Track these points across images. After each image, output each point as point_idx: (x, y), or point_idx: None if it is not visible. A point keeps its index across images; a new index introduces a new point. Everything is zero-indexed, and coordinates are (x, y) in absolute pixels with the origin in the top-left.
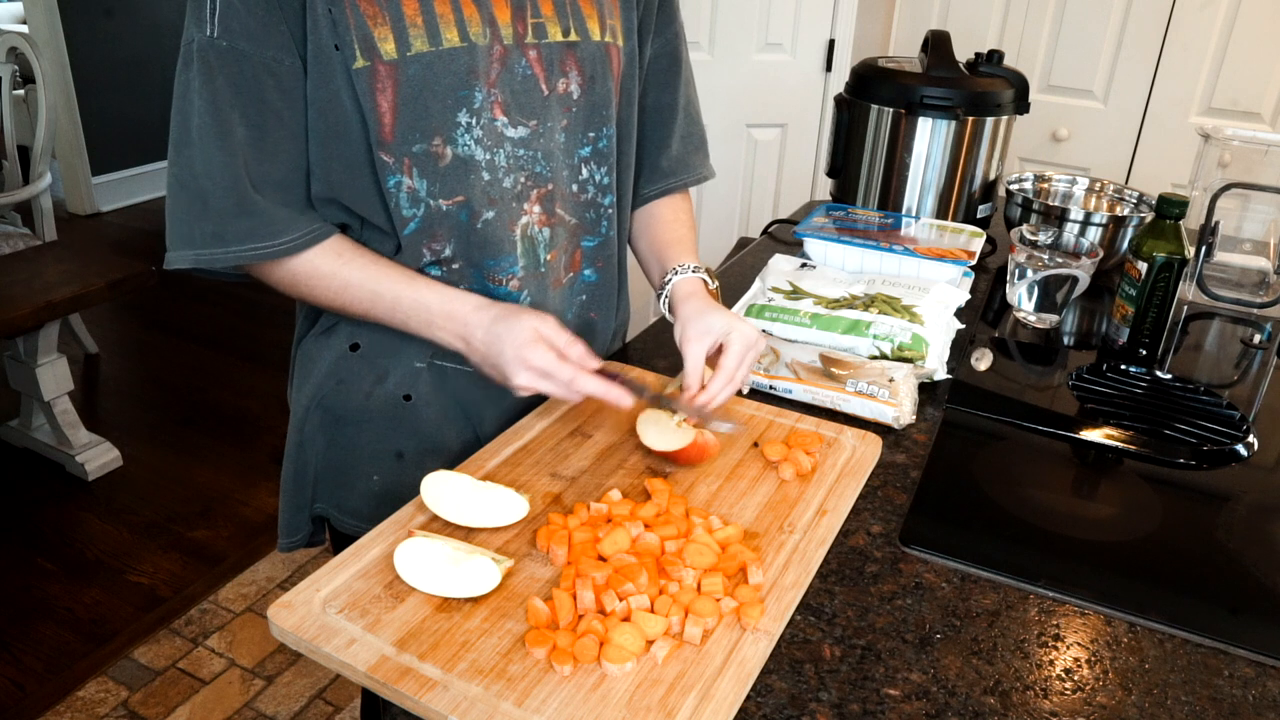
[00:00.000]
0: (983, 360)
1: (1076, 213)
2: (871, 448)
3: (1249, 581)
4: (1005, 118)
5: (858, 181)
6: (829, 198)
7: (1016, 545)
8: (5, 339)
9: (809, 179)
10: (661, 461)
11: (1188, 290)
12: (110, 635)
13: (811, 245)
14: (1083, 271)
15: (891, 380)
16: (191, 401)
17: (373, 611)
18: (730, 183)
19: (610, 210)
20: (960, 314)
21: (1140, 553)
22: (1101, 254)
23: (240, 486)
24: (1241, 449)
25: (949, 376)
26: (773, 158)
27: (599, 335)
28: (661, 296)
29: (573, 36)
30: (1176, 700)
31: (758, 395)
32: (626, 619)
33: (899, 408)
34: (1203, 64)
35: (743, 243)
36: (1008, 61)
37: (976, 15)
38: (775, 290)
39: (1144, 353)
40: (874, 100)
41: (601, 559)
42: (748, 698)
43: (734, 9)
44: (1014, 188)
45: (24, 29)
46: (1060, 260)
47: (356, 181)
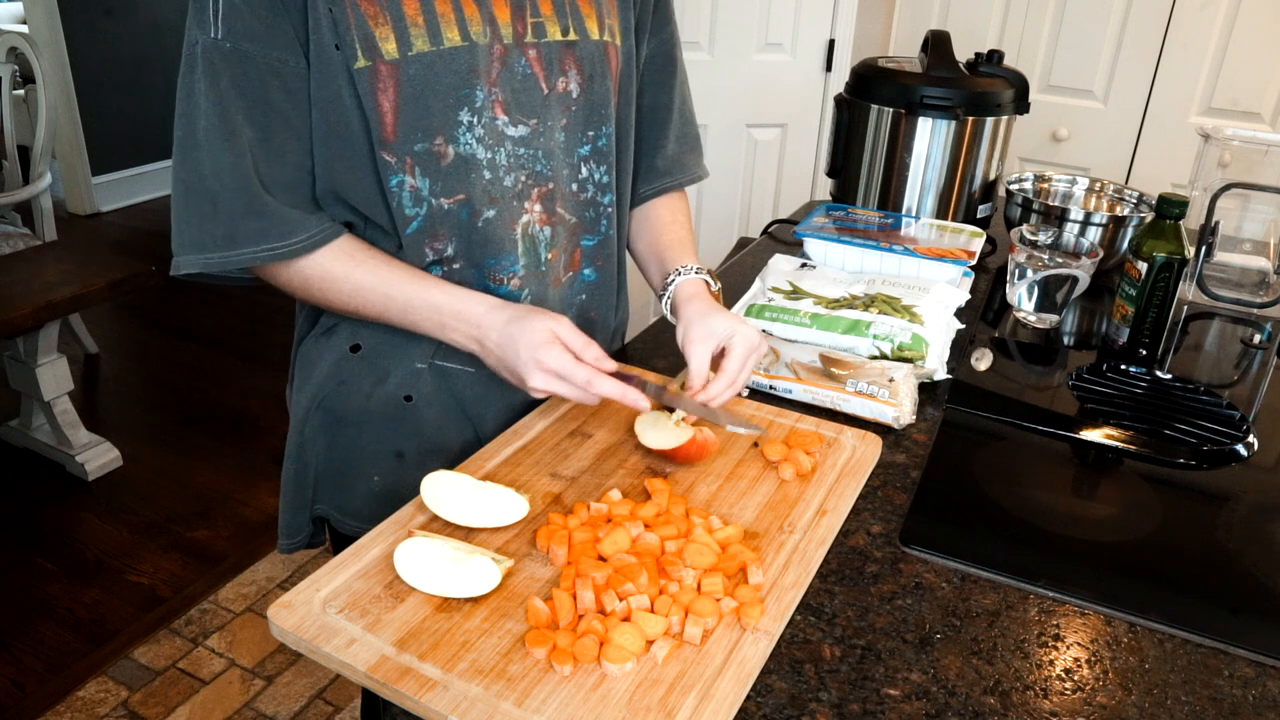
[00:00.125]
0: (983, 360)
1: (1076, 213)
2: (871, 448)
3: (1249, 581)
4: (1005, 118)
5: (858, 181)
6: (829, 198)
7: (1016, 545)
8: (5, 339)
9: (809, 179)
10: (661, 461)
11: (1188, 290)
12: (110, 635)
13: (811, 245)
14: (1083, 271)
15: (891, 380)
16: (191, 401)
17: (373, 611)
18: (730, 183)
19: (610, 209)
20: (960, 314)
21: (1140, 553)
22: (1101, 254)
23: (240, 486)
24: (1241, 449)
25: (949, 376)
26: (773, 158)
27: (599, 334)
28: (664, 297)
29: (571, 36)
30: (1176, 700)
31: (758, 395)
32: (626, 619)
33: (899, 408)
34: (1203, 64)
35: (743, 243)
36: (1008, 61)
37: (976, 15)
38: (775, 290)
39: (1144, 353)
40: (874, 100)
41: (601, 559)
42: (748, 698)
43: (734, 9)
44: (1014, 188)
45: (24, 29)
46: (1060, 260)
47: (359, 181)
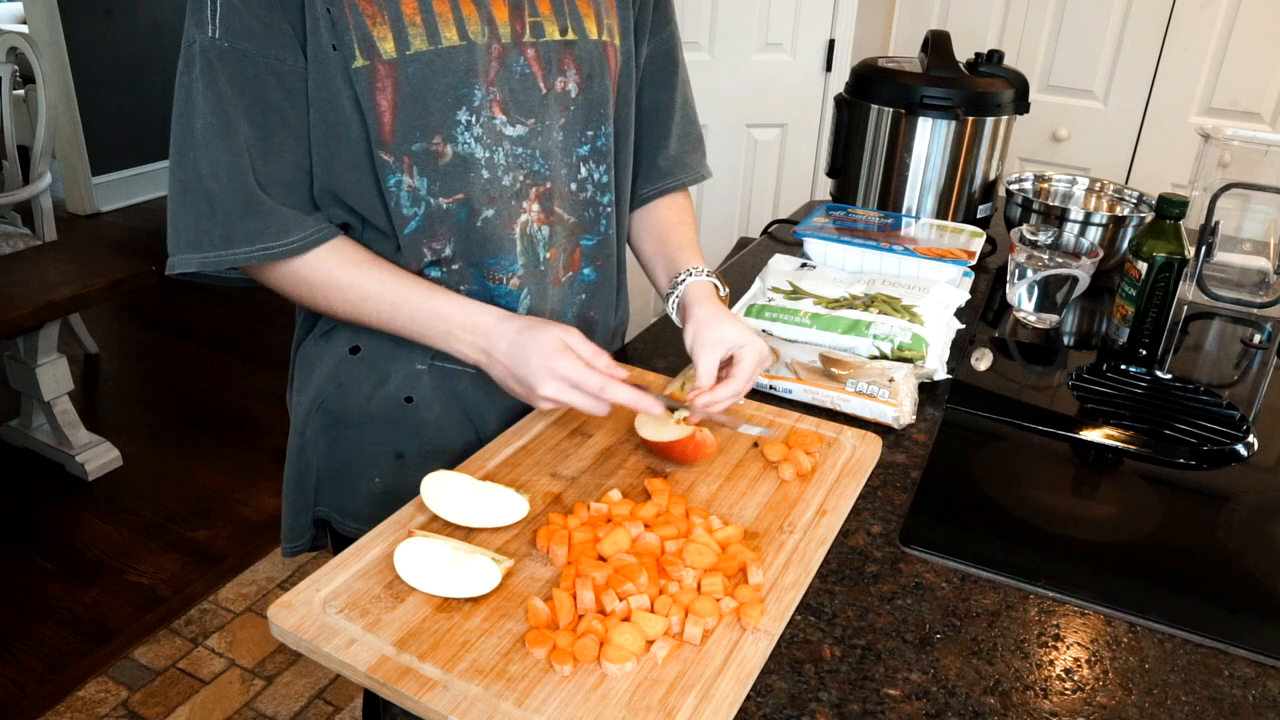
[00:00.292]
0: (983, 360)
1: (1076, 213)
2: (871, 448)
3: (1249, 581)
4: (1005, 118)
5: (858, 181)
6: (829, 198)
7: (1016, 545)
8: (5, 339)
9: (809, 179)
10: (661, 461)
11: (1188, 290)
12: (110, 635)
13: (811, 245)
14: (1083, 271)
15: (891, 380)
16: (191, 401)
17: (373, 611)
18: (730, 183)
19: (609, 209)
20: (960, 314)
21: (1140, 553)
22: (1101, 254)
23: (240, 486)
24: (1241, 449)
25: (949, 376)
26: (773, 158)
27: (598, 334)
28: (671, 299)
29: (570, 35)
30: (1176, 700)
31: (758, 395)
32: (626, 619)
33: (899, 408)
34: (1203, 64)
35: (743, 243)
36: (1008, 61)
37: (976, 15)
38: (775, 290)
39: (1144, 353)
40: (874, 100)
41: (601, 559)
42: (748, 698)
43: (734, 9)
44: (1014, 188)
45: (24, 29)
46: (1060, 260)
47: (357, 182)
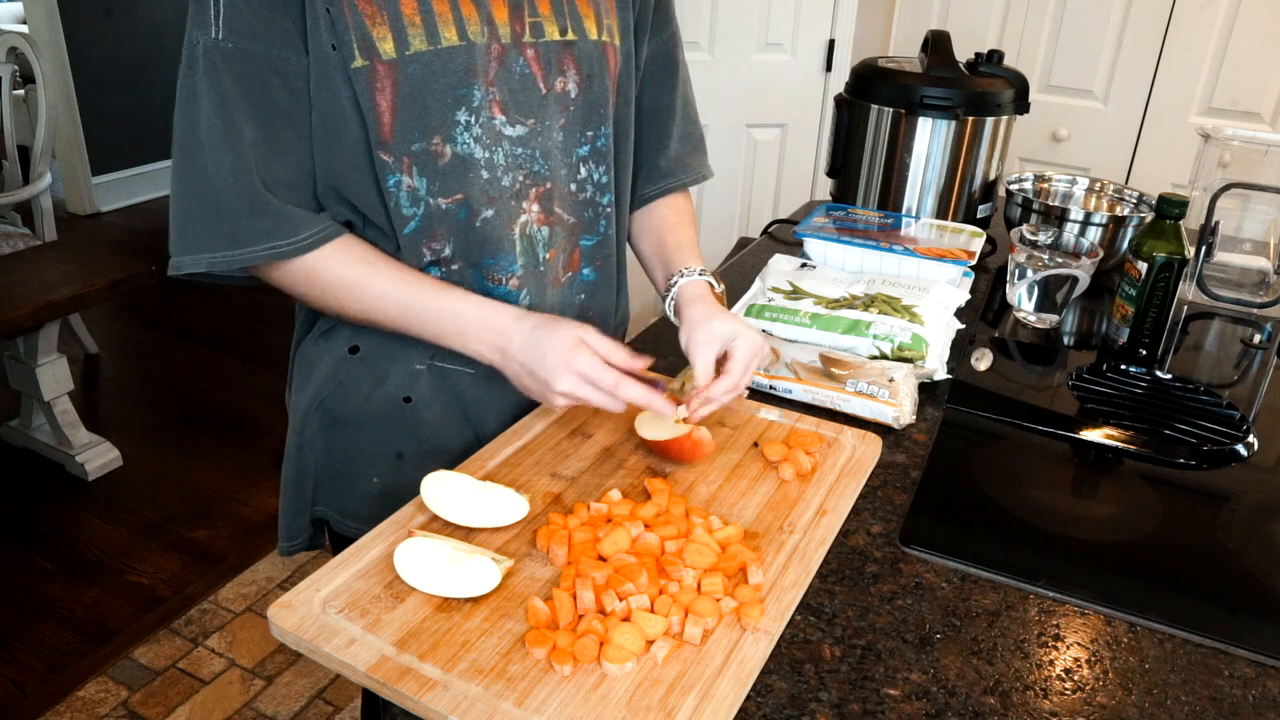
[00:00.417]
0: (983, 360)
1: (1076, 213)
2: (871, 448)
3: (1249, 581)
4: (1005, 118)
5: (858, 181)
6: (829, 198)
7: (1016, 545)
8: (5, 339)
9: (809, 179)
10: (661, 461)
11: (1188, 290)
12: (110, 635)
13: (811, 245)
14: (1083, 271)
15: (891, 380)
16: (191, 401)
17: (373, 611)
18: (730, 183)
19: (608, 209)
20: (960, 314)
21: (1140, 553)
22: (1101, 254)
23: (240, 486)
24: (1241, 449)
25: (949, 376)
26: (773, 158)
27: None
28: (667, 299)
29: (570, 36)
30: (1176, 700)
31: (758, 395)
32: (626, 619)
33: (899, 408)
34: (1203, 64)
35: (743, 243)
36: (1008, 61)
37: (976, 15)
38: (775, 290)
39: (1144, 353)
40: (874, 100)
41: (601, 559)
42: (748, 698)
43: (734, 9)
44: (1014, 188)
45: (24, 29)
46: (1060, 260)
47: (358, 181)
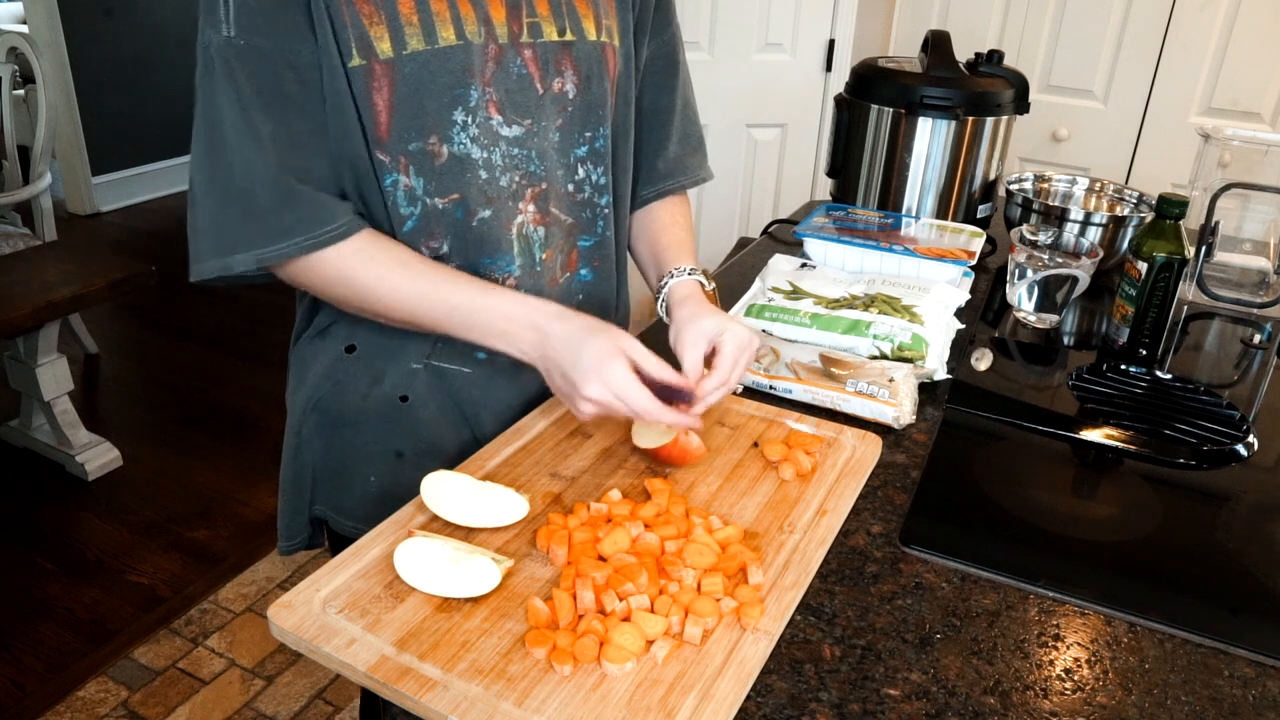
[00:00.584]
0: (983, 360)
1: (1076, 213)
2: (871, 448)
3: (1249, 581)
4: (1005, 118)
5: (858, 181)
6: (829, 198)
7: (1016, 545)
8: (5, 339)
9: (809, 179)
10: (656, 461)
11: (1188, 290)
12: (110, 635)
13: (811, 245)
14: (1083, 271)
15: (891, 380)
16: (191, 401)
17: (373, 611)
18: (730, 183)
19: (607, 210)
20: (960, 314)
21: (1140, 553)
22: (1101, 254)
23: (240, 486)
24: (1241, 449)
25: (949, 376)
26: (773, 158)
27: None
28: (659, 300)
29: (568, 36)
30: (1176, 700)
31: (758, 395)
32: (626, 619)
33: (899, 408)
34: (1203, 64)
35: (743, 243)
36: (1008, 61)
37: (976, 15)
38: (775, 290)
39: (1144, 353)
40: (874, 100)
41: (601, 559)
42: (748, 698)
43: (734, 9)
44: (1014, 188)
45: (24, 29)
46: (1060, 260)
47: (358, 179)
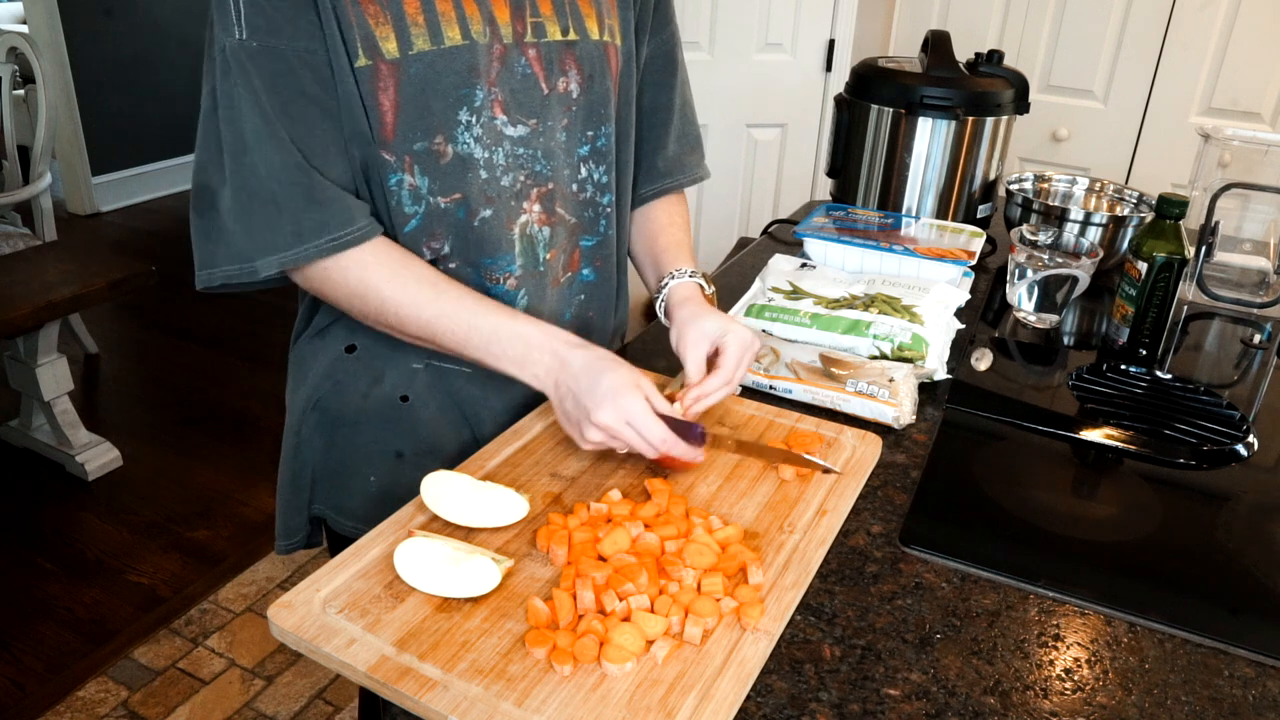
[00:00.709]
0: (983, 360)
1: (1076, 213)
2: (871, 448)
3: (1249, 581)
4: (1005, 118)
5: (858, 181)
6: (829, 198)
7: (1016, 545)
8: (5, 339)
9: (809, 179)
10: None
11: (1188, 290)
12: (110, 635)
13: (811, 245)
14: (1083, 271)
15: (891, 380)
16: (191, 401)
17: (373, 611)
18: (730, 183)
19: (609, 209)
20: (960, 314)
21: (1140, 553)
22: (1101, 254)
23: (240, 486)
24: (1241, 449)
25: (949, 376)
26: (773, 158)
27: (597, 335)
28: (658, 301)
29: (571, 36)
30: (1176, 700)
31: (758, 395)
32: (626, 619)
33: (899, 408)
34: (1203, 64)
35: (743, 243)
36: (1008, 61)
37: (976, 15)
38: (775, 290)
39: (1144, 353)
40: (874, 100)
41: (601, 559)
42: (748, 698)
43: (734, 9)
44: (1014, 188)
45: (24, 29)
46: (1060, 260)
47: (367, 180)
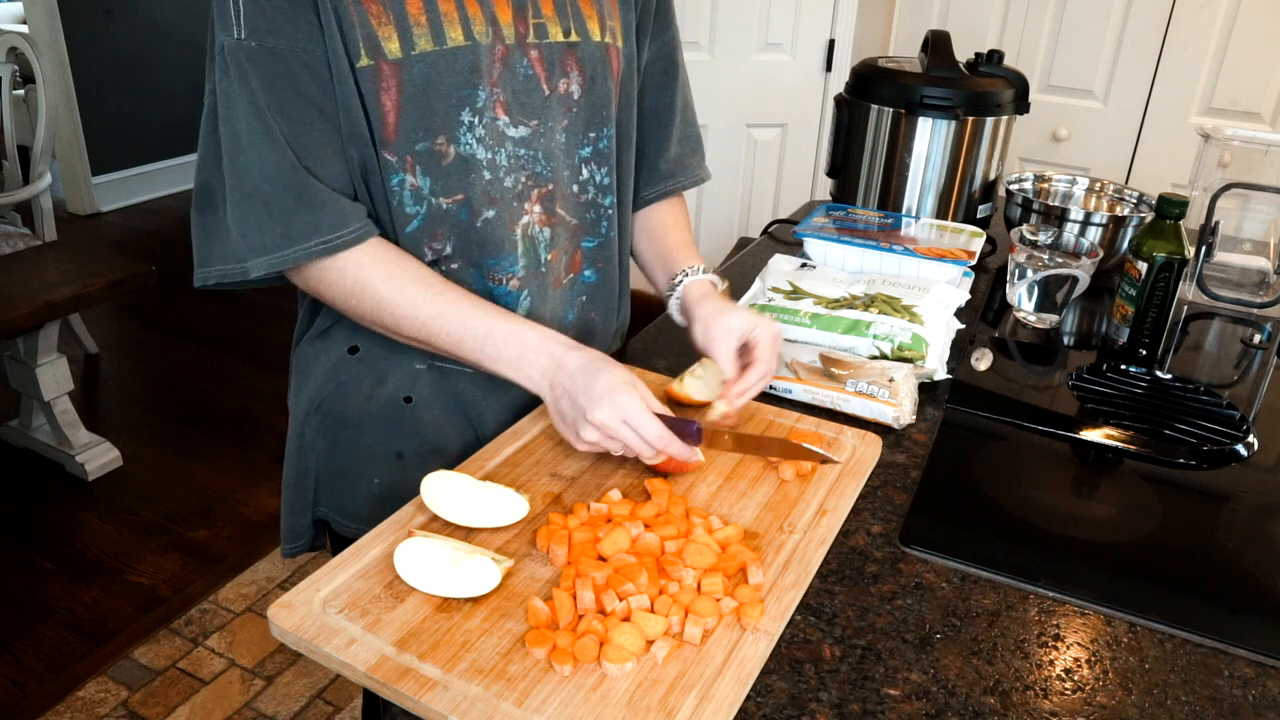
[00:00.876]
0: (983, 360)
1: (1076, 213)
2: (871, 448)
3: (1249, 581)
4: (1005, 118)
5: (858, 181)
6: (829, 198)
7: (1016, 545)
8: (5, 339)
9: (809, 179)
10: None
11: (1188, 290)
12: (110, 635)
13: (811, 245)
14: (1083, 271)
15: (891, 380)
16: (191, 401)
17: (373, 611)
18: (730, 183)
19: (610, 211)
20: (960, 314)
21: (1140, 553)
22: (1101, 254)
23: (240, 486)
24: (1241, 449)
25: (949, 376)
26: (773, 158)
27: (599, 336)
28: (671, 300)
29: (573, 37)
30: (1176, 700)
31: (758, 395)
32: (626, 619)
33: (899, 408)
34: (1203, 64)
35: (743, 243)
36: (1008, 61)
37: (976, 15)
38: (775, 290)
39: (1144, 353)
40: (874, 100)
41: (601, 559)
42: (748, 698)
43: (734, 9)
44: (1014, 188)
45: (24, 29)
46: (1060, 260)
47: (367, 180)
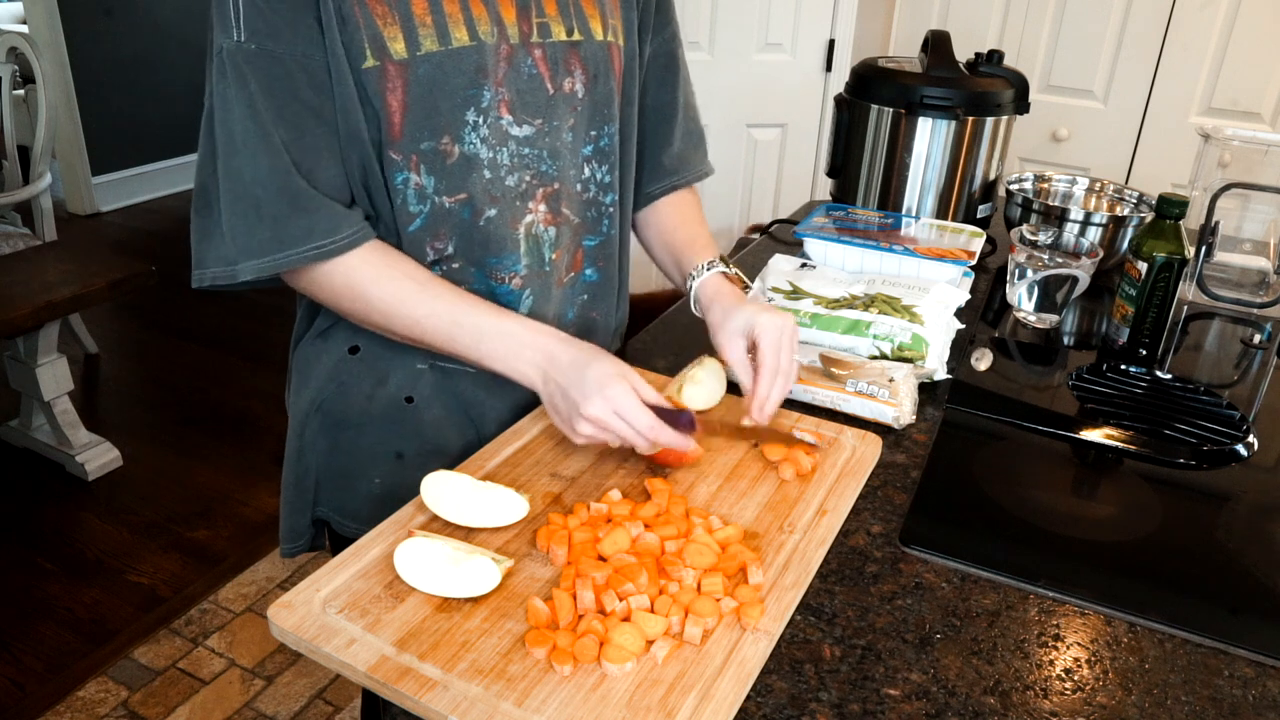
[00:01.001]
0: (983, 360)
1: (1076, 213)
2: (871, 448)
3: (1249, 581)
4: (1005, 118)
5: (858, 181)
6: (829, 198)
7: (1016, 545)
8: (5, 339)
9: (809, 179)
10: (654, 463)
11: (1188, 290)
12: (110, 635)
13: (811, 245)
14: (1083, 271)
15: (891, 380)
16: (191, 401)
17: (373, 611)
18: (730, 183)
19: (611, 209)
20: (960, 314)
21: (1140, 553)
22: (1101, 254)
23: (240, 486)
24: (1241, 449)
25: (949, 376)
26: (773, 158)
27: (599, 334)
28: (690, 299)
29: (576, 36)
30: (1176, 700)
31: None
32: (626, 619)
33: (899, 408)
34: (1203, 64)
35: (743, 243)
36: (1008, 61)
37: (976, 15)
38: (775, 290)
39: (1144, 353)
40: (874, 100)
41: (601, 559)
42: (748, 698)
43: (734, 9)
44: (1014, 188)
45: (24, 29)
46: (1060, 260)
47: (368, 179)
